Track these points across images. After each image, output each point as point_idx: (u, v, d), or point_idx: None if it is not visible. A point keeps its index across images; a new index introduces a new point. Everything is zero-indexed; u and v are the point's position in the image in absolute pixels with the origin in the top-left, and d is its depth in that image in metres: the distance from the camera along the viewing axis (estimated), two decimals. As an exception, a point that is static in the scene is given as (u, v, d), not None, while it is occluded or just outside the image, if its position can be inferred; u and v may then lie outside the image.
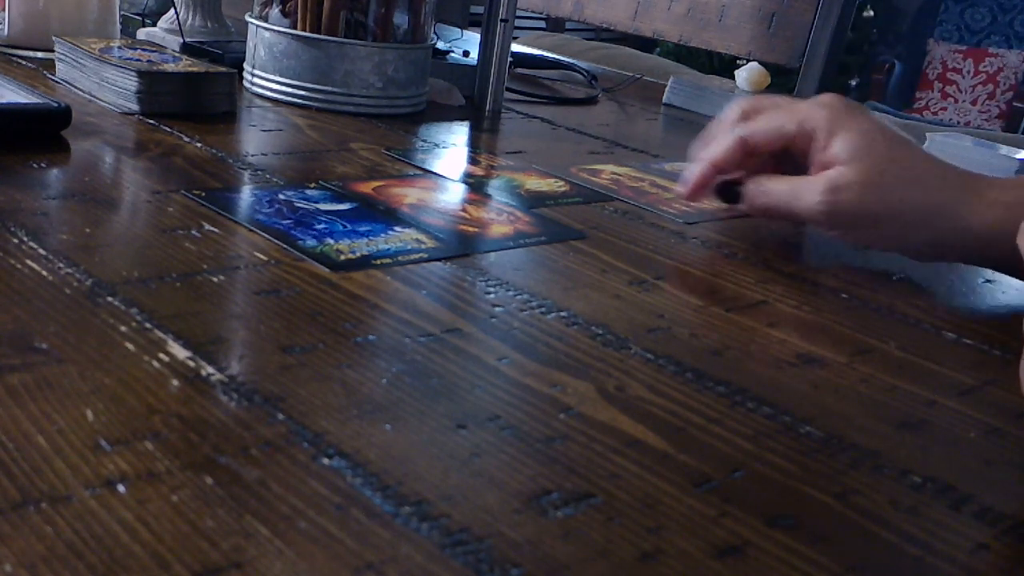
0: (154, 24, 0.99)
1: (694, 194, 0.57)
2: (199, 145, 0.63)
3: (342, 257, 0.45)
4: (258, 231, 0.48)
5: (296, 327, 0.37)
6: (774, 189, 0.53)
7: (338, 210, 0.53)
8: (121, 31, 0.91)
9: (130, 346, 0.34)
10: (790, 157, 0.54)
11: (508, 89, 0.94)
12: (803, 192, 0.52)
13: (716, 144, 0.56)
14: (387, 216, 0.53)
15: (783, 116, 0.54)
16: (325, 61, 0.78)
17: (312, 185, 0.57)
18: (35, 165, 0.54)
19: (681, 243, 0.55)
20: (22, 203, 0.47)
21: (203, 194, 0.52)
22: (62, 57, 0.77)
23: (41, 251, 0.42)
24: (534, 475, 0.29)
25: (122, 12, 0.93)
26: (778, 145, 0.54)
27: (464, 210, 0.57)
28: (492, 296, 0.43)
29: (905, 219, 0.50)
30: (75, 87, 0.75)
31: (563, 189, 0.64)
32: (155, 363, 0.33)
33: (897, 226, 0.51)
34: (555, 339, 0.40)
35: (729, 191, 0.55)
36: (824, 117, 0.52)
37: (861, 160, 0.50)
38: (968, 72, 4.30)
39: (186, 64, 0.74)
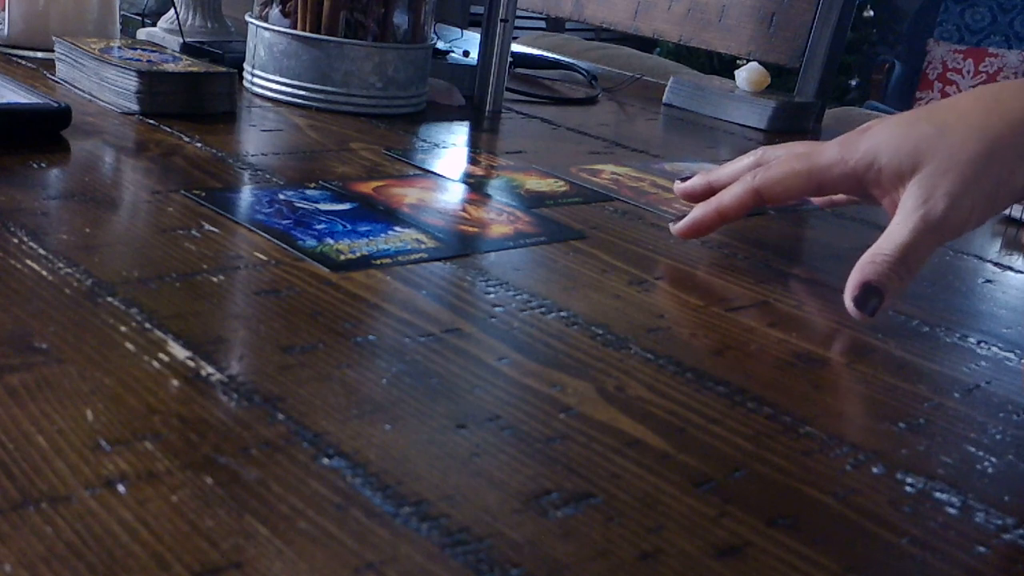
0: (154, 24, 0.99)
1: (688, 234, 0.53)
2: (199, 145, 0.63)
3: (342, 257, 0.45)
4: (258, 231, 0.48)
5: (296, 327, 0.37)
6: (890, 251, 0.44)
7: (338, 210, 0.53)
8: (121, 31, 0.91)
9: (130, 346, 0.34)
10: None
11: (508, 89, 0.94)
12: (911, 235, 0.44)
13: (728, 192, 0.51)
14: (387, 216, 0.53)
15: (800, 163, 0.49)
16: (325, 61, 0.78)
17: (312, 185, 0.57)
18: (35, 165, 0.54)
19: (681, 243, 0.55)
20: (22, 203, 0.47)
21: (203, 194, 0.52)
22: (62, 57, 0.77)
23: (41, 251, 0.42)
24: (534, 475, 0.29)
25: (122, 12, 0.93)
26: (797, 197, 0.51)
27: (464, 210, 0.57)
28: (492, 296, 0.43)
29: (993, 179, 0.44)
30: (75, 87, 0.75)
31: (563, 189, 0.64)
32: (155, 363, 0.33)
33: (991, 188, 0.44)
34: (555, 339, 0.40)
35: (867, 301, 0.44)
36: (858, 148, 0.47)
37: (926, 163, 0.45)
38: (968, 72, 4.30)
39: (186, 64, 0.74)
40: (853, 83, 4.24)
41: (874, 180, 0.47)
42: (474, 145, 0.78)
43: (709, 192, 0.54)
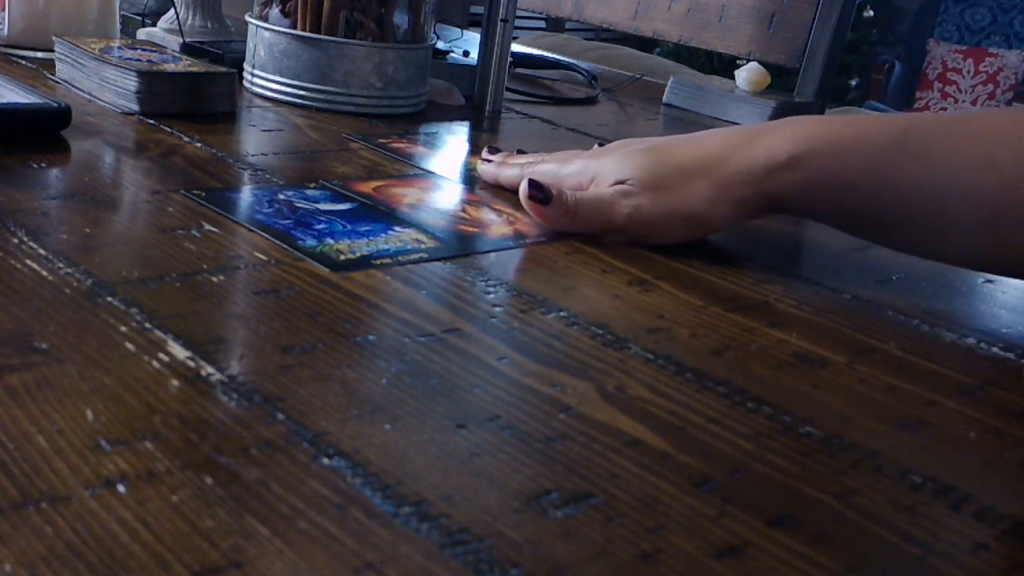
0: (154, 24, 0.99)
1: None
2: (199, 145, 0.63)
3: (342, 257, 0.45)
4: (258, 231, 0.48)
5: (296, 327, 0.37)
6: (585, 199, 0.53)
7: (338, 210, 0.53)
8: (121, 31, 0.91)
9: (130, 346, 0.34)
10: None
11: (508, 89, 0.94)
12: (611, 202, 0.53)
13: (511, 171, 0.61)
14: (387, 216, 0.53)
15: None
16: (325, 61, 0.78)
17: (312, 185, 0.57)
18: (35, 165, 0.54)
19: (681, 243, 0.55)
20: (22, 203, 0.47)
21: (203, 194, 0.52)
22: (62, 57, 0.77)
23: (41, 251, 0.42)
24: (534, 475, 0.29)
25: (122, 12, 0.93)
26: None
27: (464, 210, 0.57)
28: (492, 296, 0.43)
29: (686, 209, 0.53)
30: (75, 87, 0.75)
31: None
32: (155, 363, 0.33)
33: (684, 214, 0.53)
34: (555, 339, 0.40)
35: (541, 191, 0.53)
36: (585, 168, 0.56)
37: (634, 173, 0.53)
38: (968, 72, 4.30)
39: (186, 64, 0.74)
40: (853, 83, 4.25)
41: None
42: (474, 145, 0.78)
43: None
